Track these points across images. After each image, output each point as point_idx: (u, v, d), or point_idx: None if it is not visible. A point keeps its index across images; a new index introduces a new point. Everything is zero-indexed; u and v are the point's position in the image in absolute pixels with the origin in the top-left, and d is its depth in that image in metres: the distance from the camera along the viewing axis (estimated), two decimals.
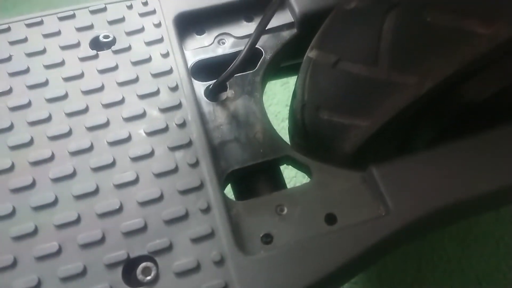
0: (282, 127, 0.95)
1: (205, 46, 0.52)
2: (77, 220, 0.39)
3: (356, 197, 0.42)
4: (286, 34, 0.53)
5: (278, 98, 1.00)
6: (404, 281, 0.78)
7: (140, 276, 0.37)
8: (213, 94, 0.49)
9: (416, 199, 0.41)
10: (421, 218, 0.40)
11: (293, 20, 0.53)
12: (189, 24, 0.52)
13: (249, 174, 0.46)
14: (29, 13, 0.51)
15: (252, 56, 0.51)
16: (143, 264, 0.37)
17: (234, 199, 0.44)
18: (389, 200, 0.41)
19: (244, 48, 0.45)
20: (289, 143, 0.54)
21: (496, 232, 0.82)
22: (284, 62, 0.57)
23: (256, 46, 0.52)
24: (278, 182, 0.47)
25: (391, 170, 0.42)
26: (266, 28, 0.53)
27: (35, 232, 0.38)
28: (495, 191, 0.42)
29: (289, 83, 1.00)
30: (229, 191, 0.48)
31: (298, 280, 0.37)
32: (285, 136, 0.56)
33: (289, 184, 0.84)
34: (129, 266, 0.37)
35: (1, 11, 1.19)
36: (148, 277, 0.37)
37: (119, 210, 0.39)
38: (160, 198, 0.40)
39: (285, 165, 0.47)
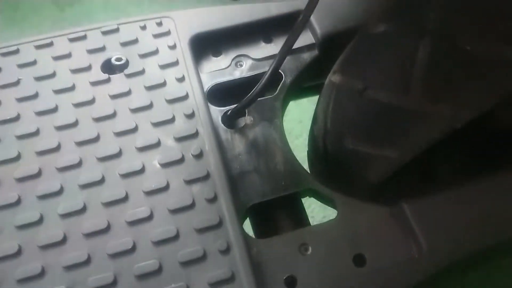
0: (296, 145, 0.92)
1: (222, 68, 0.49)
2: (87, 261, 0.36)
3: (385, 235, 0.39)
4: (307, 56, 0.51)
5: (291, 115, 0.97)
6: None
7: None
8: (231, 121, 0.46)
9: (452, 240, 0.38)
10: (458, 261, 0.37)
11: (314, 42, 0.51)
12: (205, 45, 0.50)
13: (270, 208, 0.43)
14: (39, 26, 0.49)
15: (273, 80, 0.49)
16: None
17: (253, 235, 0.41)
18: (423, 239, 0.38)
19: (267, 72, 0.42)
20: (308, 169, 0.51)
21: None
22: (304, 84, 0.54)
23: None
24: (300, 217, 0.44)
25: (424, 206, 0.39)
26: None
27: (42, 274, 0.36)
28: None
29: (302, 99, 0.98)
30: (246, 225, 0.45)
31: None
32: (299, 154, 0.53)
33: (310, 208, 0.81)
34: None
35: (11, 23, 1.18)
36: None
37: (132, 250, 0.37)
38: (176, 237, 0.37)
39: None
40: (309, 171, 0.51)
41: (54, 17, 1.15)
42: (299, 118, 0.97)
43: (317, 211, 0.84)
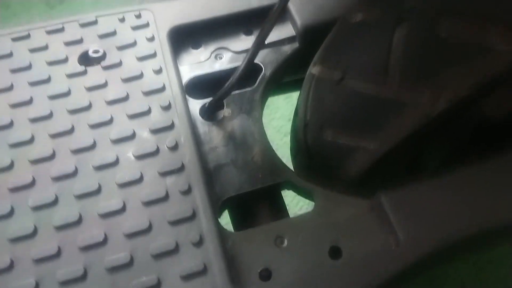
0: (284, 142, 0.91)
1: (201, 61, 0.49)
2: (57, 254, 0.36)
3: (363, 227, 0.38)
4: (288, 49, 0.50)
5: (281, 112, 0.96)
6: None
7: None
8: (208, 113, 0.45)
9: (429, 230, 0.37)
10: (435, 251, 0.37)
11: (294, 34, 0.50)
12: (184, 38, 0.49)
13: (247, 201, 0.42)
14: (28, 23, 0.48)
15: (251, 72, 0.48)
16: None
17: (231, 229, 0.41)
18: (400, 230, 0.37)
19: (242, 64, 0.42)
20: (291, 164, 0.51)
21: (510, 256, 0.77)
22: (285, 77, 0.54)
23: (256, 61, 0.49)
24: (279, 210, 0.43)
25: (401, 197, 0.39)
26: (266, 42, 0.50)
27: (10, 267, 0.35)
28: None
29: (292, 96, 0.97)
30: (226, 219, 0.44)
31: None
32: (287, 151, 0.52)
33: (292, 203, 0.80)
34: None
35: (1, 20, 1.17)
36: None
37: (103, 242, 0.36)
38: (149, 229, 0.37)
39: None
40: (292, 166, 0.50)
41: (44, 15, 1.15)
42: (289, 116, 0.96)
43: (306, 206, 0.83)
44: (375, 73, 0.39)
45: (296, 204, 0.81)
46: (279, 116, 0.95)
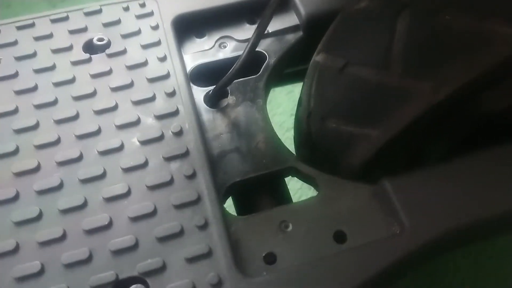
0: (287, 137, 0.91)
1: (205, 49, 0.49)
2: (62, 237, 0.36)
3: (367, 213, 0.38)
4: (291, 38, 0.50)
5: (283, 108, 0.96)
6: None
7: None
8: (213, 101, 0.45)
9: (433, 217, 0.37)
10: (439, 238, 0.37)
11: (298, 23, 0.50)
12: (188, 26, 0.49)
13: (252, 187, 0.42)
14: (23, 15, 0.49)
15: (255, 60, 0.48)
16: (133, 287, 0.34)
17: (235, 215, 0.40)
18: (404, 216, 0.37)
19: (244, 51, 0.42)
20: (294, 153, 0.51)
21: (510, 249, 0.77)
22: (289, 67, 0.54)
23: (260, 50, 0.49)
24: (282, 196, 0.44)
25: (406, 184, 0.39)
26: (270, 31, 0.50)
27: (15, 250, 0.35)
28: None
29: (294, 92, 0.97)
30: (230, 206, 0.44)
31: None
32: (290, 146, 0.52)
33: (294, 197, 0.80)
34: None
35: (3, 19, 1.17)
36: None
37: (108, 226, 0.36)
38: (153, 213, 0.37)
39: (290, 176, 0.44)
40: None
41: (40, 7, 1.15)
42: (291, 111, 0.96)
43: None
44: (378, 61, 0.39)
45: (298, 198, 0.81)
46: (281, 112, 0.95)
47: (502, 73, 0.38)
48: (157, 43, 0.46)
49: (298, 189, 0.81)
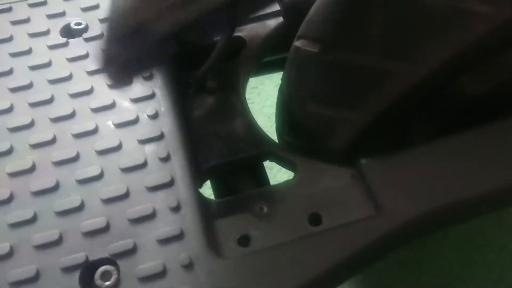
0: (274, 129, 0.91)
1: None
2: (33, 219, 0.35)
3: (344, 195, 0.38)
4: (272, 23, 0.50)
5: (272, 100, 0.96)
6: None
7: (98, 281, 0.33)
8: (191, 85, 0.45)
9: (411, 198, 0.37)
10: (416, 219, 0.37)
11: (279, 8, 0.50)
12: None
13: (229, 171, 0.42)
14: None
15: (234, 46, 0.48)
16: (102, 268, 0.33)
17: (212, 198, 0.40)
18: (381, 198, 0.37)
19: (221, 39, 0.41)
20: (272, 139, 0.51)
21: (499, 240, 0.77)
22: (271, 55, 0.53)
23: (240, 35, 0.49)
24: (261, 180, 0.43)
25: (383, 164, 0.38)
26: (251, 16, 0.50)
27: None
28: (499, 190, 0.38)
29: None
30: (210, 191, 0.44)
31: (277, 286, 0.33)
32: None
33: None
34: (87, 270, 0.33)
35: None
36: (108, 282, 0.33)
37: (80, 208, 0.36)
38: (126, 195, 0.36)
39: (278, 168, 0.44)
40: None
41: None
42: None
43: None
44: (355, 42, 0.39)
45: None
46: (270, 104, 0.95)
47: (479, 53, 0.38)
48: None
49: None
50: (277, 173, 0.78)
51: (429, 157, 0.39)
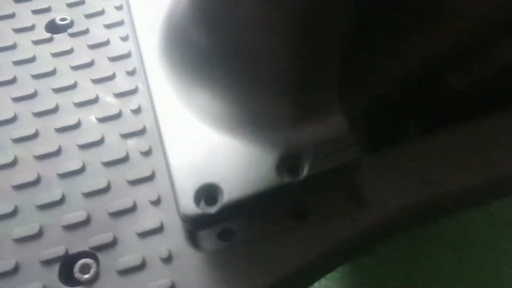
0: None
1: None
2: (14, 212, 0.35)
3: (328, 188, 0.38)
4: None
5: None
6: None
7: (77, 274, 0.33)
8: None
9: (394, 192, 0.37)
10: (399, 213, 0.36)
11: None
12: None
13: None
14: None
15: None
16: (82, 261, 0.33)
17: None
18: (365, 190, 0.37)
19: None
20: None
21: (491, 238, 0.77)
22: None
23: None
24: None
25: (368, 157, 0.38)
26: None
27: None
28: (482, 184, 0.38)
29: None
30: None
31: (258, 279, 0.33)
32: None
33: None
34: (67, 263, 0.33)
35: None
36: (87, 275, 0.33)
37: (61, 201, 0.36)
38: (107, 188, 0.36)
39: None
40: None
41: None
42: None
43: None
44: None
45: None
46: None
47: (461, 47, 0.38)
48: (120, 23, 0.46)
49: None
50: None
51: (415, 151, 0.39)
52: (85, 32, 0.45)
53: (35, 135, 0.39)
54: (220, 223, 0.35)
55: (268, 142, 0.32)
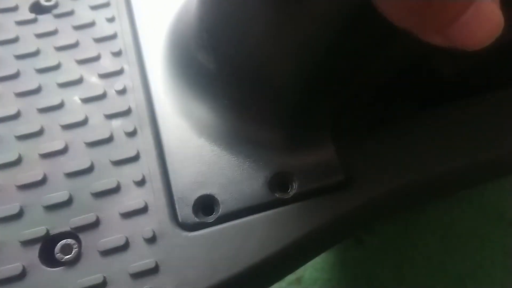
0: None
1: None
2: None
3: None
4: None
5: None
6: (382, 278, 0.73)
7: (58, 255, 0.32)
8: None
9: (381, 173, 0.37)
10: (385, 195, 0.36)
11: None
12: None
13: None
14: None
15: None
16: (63, 242, 0.32)
17: None
18: (351, 170, 0.36)
19: None
20: None
21: (480, 229, 0.77)
22: None
23: None
24: None
25: (355, 137, 0.38)
26: None
27: None
28: (472, 166, 0.38)
29: None
30: None
31: (241, 259, 0.33)
32: None
33: None
34: (48, 243, 0.33)
35: None
36: (68, 256, 0.32)
37: (42, 181, 0.35)
38: (90, 169, 0.35)
39: None
40: None
41: None
42: None
43: None
44: None
45: None
46: None
47: None
48: (106, 4, 0.45)
49: None
50: None
51: (403, 133, 0.39)
52: (70, 13, 0.44)
53: (16, 115, 0.38)
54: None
55: (262, 161, 0.35)
